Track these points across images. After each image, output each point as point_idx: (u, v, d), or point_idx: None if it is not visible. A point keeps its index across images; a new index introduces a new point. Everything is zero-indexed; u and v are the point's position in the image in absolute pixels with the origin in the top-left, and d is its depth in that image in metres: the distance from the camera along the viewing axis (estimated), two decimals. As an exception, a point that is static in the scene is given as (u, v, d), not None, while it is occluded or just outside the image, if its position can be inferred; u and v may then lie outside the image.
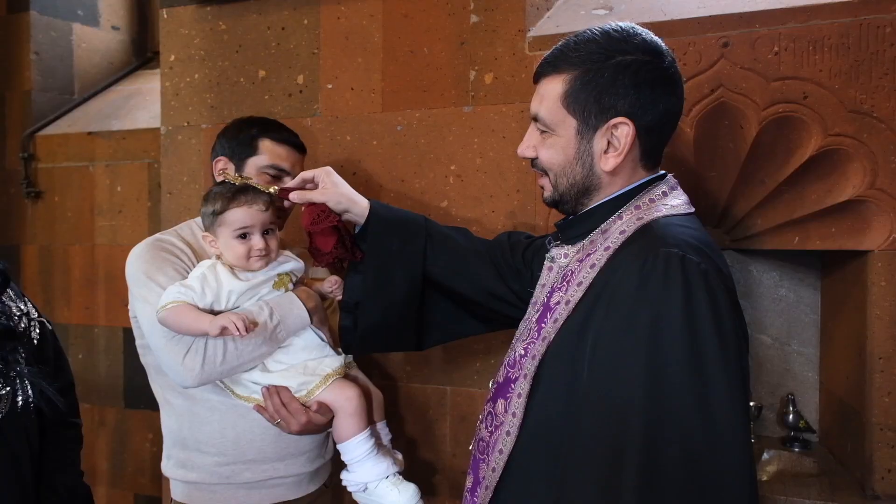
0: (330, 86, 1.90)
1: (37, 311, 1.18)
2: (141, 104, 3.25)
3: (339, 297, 1.43)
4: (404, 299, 1.29)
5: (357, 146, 1.87)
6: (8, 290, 1.14)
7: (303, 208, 1.29)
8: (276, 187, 1.29)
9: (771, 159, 1.61)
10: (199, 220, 1.50)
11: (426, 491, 1.79)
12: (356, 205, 1.27)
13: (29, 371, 1.04)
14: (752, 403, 1.92)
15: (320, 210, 1.26)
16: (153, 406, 1.48)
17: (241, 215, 1.28)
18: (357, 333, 1.30)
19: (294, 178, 1.48)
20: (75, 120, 3.22)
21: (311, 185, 1.30)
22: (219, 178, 1.48)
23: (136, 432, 3.00)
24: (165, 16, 2.09)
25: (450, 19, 1.77)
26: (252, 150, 1.45)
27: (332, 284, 1.40)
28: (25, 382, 1.03)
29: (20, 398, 1.01)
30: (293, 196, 1.27)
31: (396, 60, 1.83)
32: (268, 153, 1.45)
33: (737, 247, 1.85)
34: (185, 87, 2.06)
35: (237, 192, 1.29)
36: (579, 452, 0.88)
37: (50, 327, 1.21)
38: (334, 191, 1.26)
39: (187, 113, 2.07)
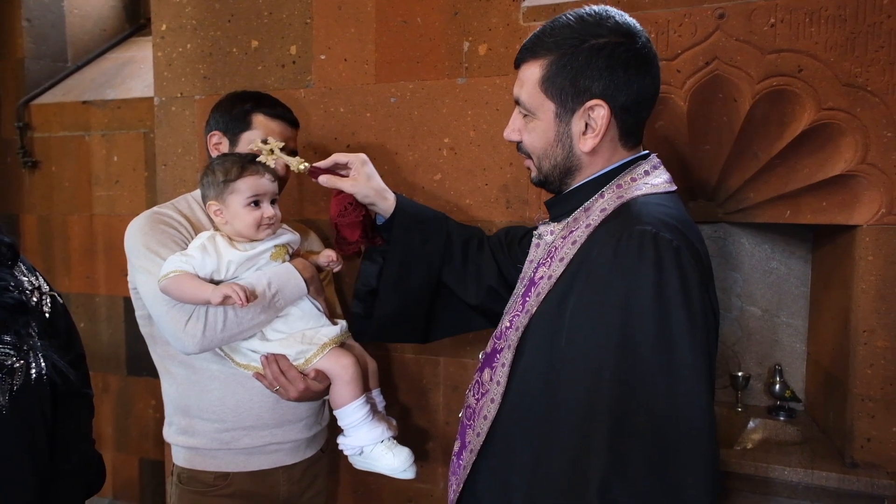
0: (323, 56, 1.88)
1: (48, 284, 1.21)
2: (135, 72, 3.22)
3: (336, 270, 1.46)
4: (419, 294, 1.34)
5: (351, 118, 1.87)
6: (19, 263, 1.16)
7: (332, 194, 1.32)
8: (307, 164, 1.31)
9: (764, 133, 1.61)
10: (195, 193, 1.51)
11: (420, 456, 1.85)
12: (384, 200, 1.31)
13: (41, 344, 1.07)
14: (740, 373, 1.96)
15: (348, 202, 1.30)
16: (155, 374, 1.51)
17: (253, 183, 1.31)
18: (372, 322, 1.36)
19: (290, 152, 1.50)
20: (70, 88, 3.19)
21: (344, 169, 1.31)
22: (213, 153, 1.49)
23: (139, 399, 3.06)
24: (157, -17, 2.06)
25: (444, -11, 1.75)
26: (246, 125, 1.46)
27: (328, 258, 1.43)
28: (38, 355, 1.06)
29: (34, 371, 1.04)
30: (322, 179, 1.29)
31: (390, 31, 1.81)
32: (261, 128, 1.45)
33: (729, 220, 1.87)
34: (177, 58, 2.05)
35: (249, 162, 1.32)
36: (556, 418, 0.92)
37: (61, 301, 1.23)
38: (365, 184, 1.28)
39: (180, 84, 2.05)
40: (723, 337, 2.06)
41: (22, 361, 1.03)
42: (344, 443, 1.39)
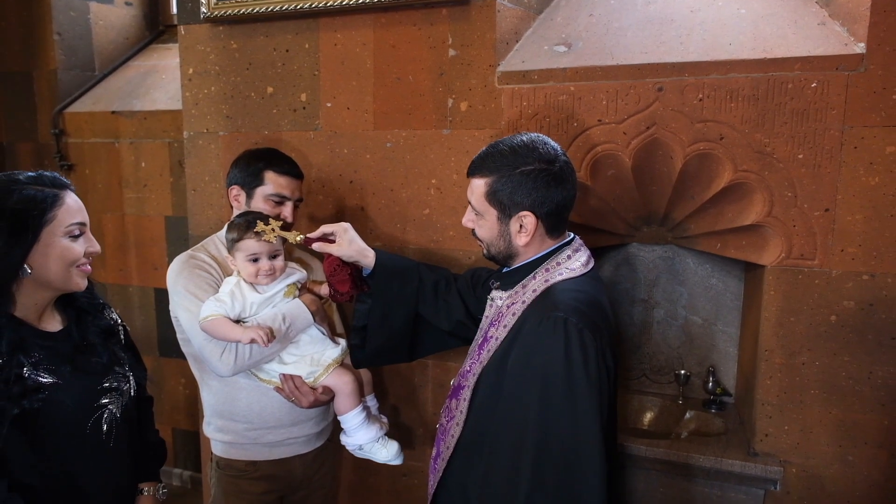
0: (329, 104, 2.19)
1: (119, 318, 1.58)
2: (158, 83, 3.51)
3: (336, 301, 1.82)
4: (401, 329, 1.69)
5: (353, 158, 2.19)
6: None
7: (324, 256, 1.65)
8: (302, 236, 1.62)
9: (696, 183, 1.92)
10: (221, 234, 1.86)
11: (411, 443, 2.25)
12: (365, 258, 1.63)
13: (131, 368, 1.46)
14: (682, 372, 2.33)
15: (336, 264, 1.62)
16: (184, 355, 1.85)
17: (251, 244, 1.63)
18: (365, 353, 1.71)
19: (294, 201, 1.82)
20: (99, 97, 3.49)
21: (332, 235, 1.63)
22: (234, 204, 1.82)
23: (171, 377, 3.47)
24: (183, 32, 2.35)
25: (431, 52, 2.04)
26: (259, 181, 1.78)
27: (328, 292, 1.77)
28: (130, 376, 1.45)
29: (131, 388, 1.43)
30: (315, 246, 1.62)
31: (385, 86, 2.11)
32: (272, 183, 1.78)
33: (677, 243, 2.20)
34: (203, 99, 2.36)
35: (250, 225, 1.64)
36: (498, 444, 1.29)
37: (128, 329, 1.61)
38: (348, 247, 1.61)
39: (206, 121, 2.37)
40: (669, 341, 2.41)
41: (127, 385, 1.42)
42: (346, 441, 1.78)
